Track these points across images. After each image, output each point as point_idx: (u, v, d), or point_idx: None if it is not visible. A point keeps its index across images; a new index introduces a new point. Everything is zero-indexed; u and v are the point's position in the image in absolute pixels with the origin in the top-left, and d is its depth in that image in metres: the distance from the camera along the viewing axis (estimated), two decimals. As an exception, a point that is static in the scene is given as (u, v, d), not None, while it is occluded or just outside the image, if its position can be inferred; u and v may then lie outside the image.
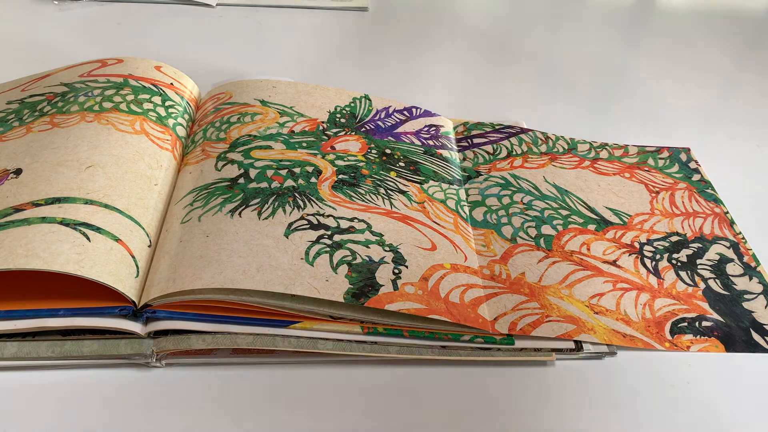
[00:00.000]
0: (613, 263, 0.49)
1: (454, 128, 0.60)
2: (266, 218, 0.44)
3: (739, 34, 0.86)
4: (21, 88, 0.55)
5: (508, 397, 0.40)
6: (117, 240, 0.39)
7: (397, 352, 0.40)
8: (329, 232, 0.44)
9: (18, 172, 0.43)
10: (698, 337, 0.44)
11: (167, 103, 0.53)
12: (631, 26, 0.88)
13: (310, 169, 0.49)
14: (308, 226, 0.44)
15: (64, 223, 0.38)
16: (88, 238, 0.38)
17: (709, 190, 0.57)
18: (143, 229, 0.42)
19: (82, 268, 0.36)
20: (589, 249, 0.49)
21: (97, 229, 0.39)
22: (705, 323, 0.45)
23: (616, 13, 0.89)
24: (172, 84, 0.56)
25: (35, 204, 0.39)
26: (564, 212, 0.52)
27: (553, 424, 0.38)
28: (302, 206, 0.46)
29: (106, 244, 0.38)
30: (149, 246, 0.42)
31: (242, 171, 0.48)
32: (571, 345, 0.42)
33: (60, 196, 0.40)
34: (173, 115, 0.53)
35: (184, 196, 0.47)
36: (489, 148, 0.58)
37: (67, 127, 0.47)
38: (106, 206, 0.40)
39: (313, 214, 0.45)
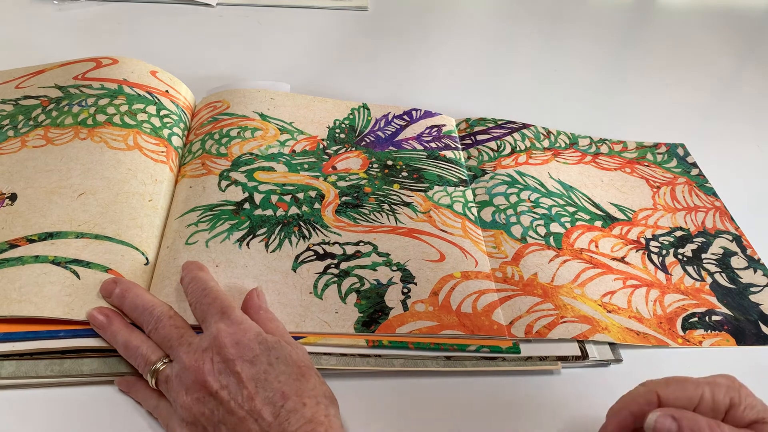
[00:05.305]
0: (622, 260, 0.46)
1: (457, 125, 0.57)
2: (273, 251, 0.42)
3: (739, 34, 0.82)
4: (15, 84, 0.52)
5: (514, 407, 0.37)
6: (107, 270, 0.38)
7: (402, 365, 0.38)
8: (336, 261, 0.42)
9: (13, 197, 0.42)
10: (709, 331, 0.42)
11: (162, 113, 0.50)
12: (631, 26, 0.84)
13: (313, 194, 0.46)
14: (315, 257, 0.42)
15: (56, 262, 0.38)
16: (78, 276, 0.37)
17: (707, 184, 0.55)
18: (137, 249, 0.40)
19: (72, 310, 0.36)
20: (597, 246, 0.47)
21: (87, 264, 0.38)
22: (715, 317, 0.43)
23: (616, 13, 0.86)
24: (167, 91, 0.52)
25: (29, 240, 0.39)
26: (571, 209, 0.49)
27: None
28: (308, 236, 0.43)
29: (95, 278, 0.38)
30: (146, 264, 0.40)
31: (247, 195, 0.45)
32: (577, 352, 0.39)
33: (53, 230, 0.39)
34: (168, 124, 0.49)
35: (186, 212, 0.44)
36: (493, 144, 0.55)
37: (61, 145, 0.45)
38: (97, 236, 0.40)
39: (318, 244, 0.43)
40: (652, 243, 0.48)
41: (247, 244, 0.42)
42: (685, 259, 0.47)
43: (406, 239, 0.44)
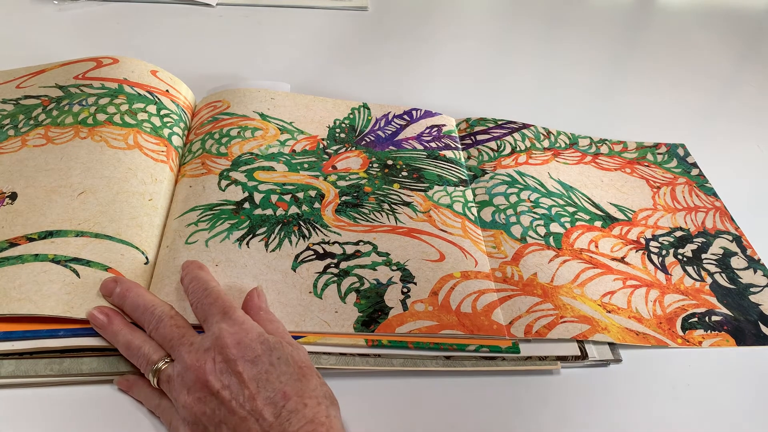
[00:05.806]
0: (621, 260, 0.46)
1: (457, 125, 0.57)
2: (273, 250, 0.42)
3: (739, 34, 0.82)
4: (16, 83, 0.52)
5: (514, 407, 0.37)
6: (107, 269, 0.38)
7: (402, 365, 0.38)
8: (335, 260, 0.42)
9: (13, 196, 0.42)
10: (709, 332, 0.42)
11: (162, 112, 0.50)
12: (631, 26, 0.84)
13: (313, 193, 0.46)
14: (314, 256, 0.42)
15: (56, 260, 0.38)
16: (77, 275, 0.37)
17: (707, 184, 0.55)
18: (137, 248, 0.40)
19: (71, 308, 0.36)
20: (597, 246, 0.47)
21: (87, 263, 0.38)
22: (714, 318, 0.43)
23: (616, 14, 0.86)
24: (167, 91, 0.52)
25: (29, 239, 0.39)
26: (571, 209, 0.49)
27: None
28: (307, 235, 0.43)
29: (95, 276, 0.38)
30: (146, 263, 0.40)
31: (246, 194, 0.45)
32: (577, 352, 0.39)
33: (52, 229, 0.39)
34: (168, 124, 0.49)
35: (186, 211, 0.44)
36: (493, 144, 0.55)
37: (62, 144, 0.45)
38: (97, 235, 0.40)
39: (318, 243, 0.43)
40: (652, 243, 0.48)
41: (247, 243, 0.42)
42: (685, 259, 0.47)
43: (405, 239, 0.44)
